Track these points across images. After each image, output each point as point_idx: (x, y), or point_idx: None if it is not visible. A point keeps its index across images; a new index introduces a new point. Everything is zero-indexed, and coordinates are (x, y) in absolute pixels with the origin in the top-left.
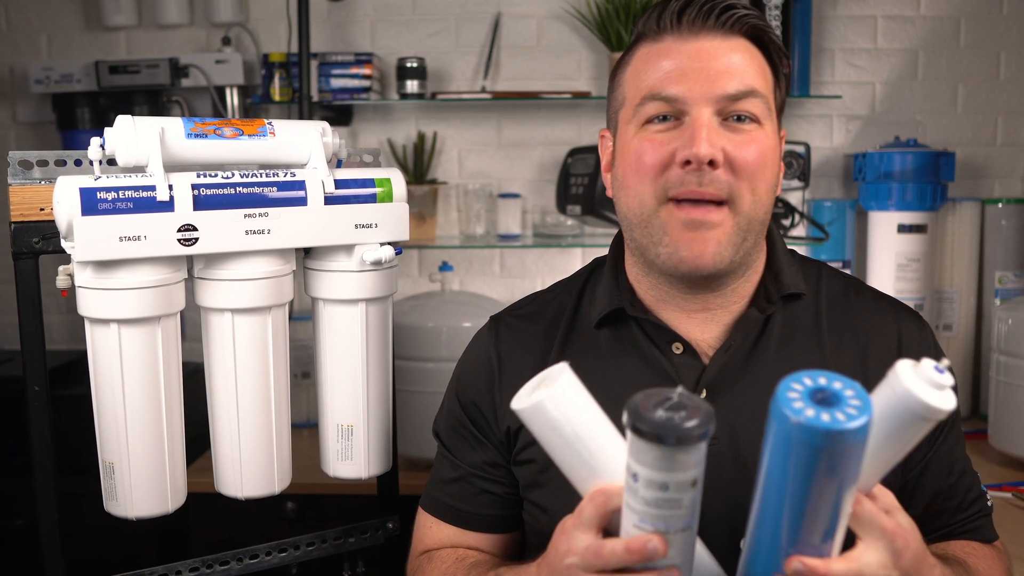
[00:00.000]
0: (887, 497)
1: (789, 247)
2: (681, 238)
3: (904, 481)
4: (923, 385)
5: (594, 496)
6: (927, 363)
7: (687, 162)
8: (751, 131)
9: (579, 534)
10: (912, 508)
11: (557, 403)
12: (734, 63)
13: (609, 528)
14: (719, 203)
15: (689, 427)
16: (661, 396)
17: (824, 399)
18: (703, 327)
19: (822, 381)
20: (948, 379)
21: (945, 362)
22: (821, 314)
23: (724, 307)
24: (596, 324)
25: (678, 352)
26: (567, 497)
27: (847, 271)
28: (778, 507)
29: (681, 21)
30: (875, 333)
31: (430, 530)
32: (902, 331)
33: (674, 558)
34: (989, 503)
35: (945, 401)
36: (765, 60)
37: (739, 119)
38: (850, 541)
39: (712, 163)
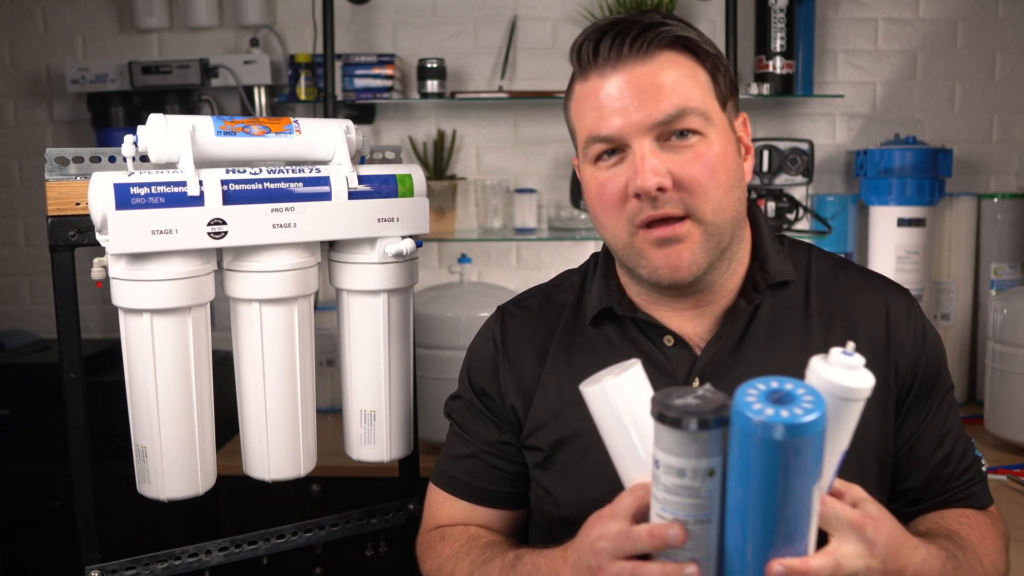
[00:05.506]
0: (853, 491)
1: (782, 233)
2: (656, 256)
3: (897, 456)
4: (839, 371)
5: (635, 489)
6: (835, 351)
7: (637, 194)
8: (695, 145)
9: (613, 522)
10: (908, 481)
11: (621, 391)
12: (661, 84)
13: (642, 521)
14: (682, 216)
15: (704, 411)
16: (685, 390)
17: (779, 399)
18: (694, 322)
19: (774, 384)
20: (858, 359)
21: (851, 346)
22: (810, 298)
23: (713, 301)
24: (591, 321)
25: (670, 344)
26: (572, 483)
27: None
28: (749, 514)
29: (599, 55)
30: (863, 313)
31: (442, 505)
32: (890, 307)
33: (694, 551)
34: (984, 468)
35: (862, 379)
36: (697, 62)
37: (681, 135)
38: (822, 543)
39: (661, 189)
